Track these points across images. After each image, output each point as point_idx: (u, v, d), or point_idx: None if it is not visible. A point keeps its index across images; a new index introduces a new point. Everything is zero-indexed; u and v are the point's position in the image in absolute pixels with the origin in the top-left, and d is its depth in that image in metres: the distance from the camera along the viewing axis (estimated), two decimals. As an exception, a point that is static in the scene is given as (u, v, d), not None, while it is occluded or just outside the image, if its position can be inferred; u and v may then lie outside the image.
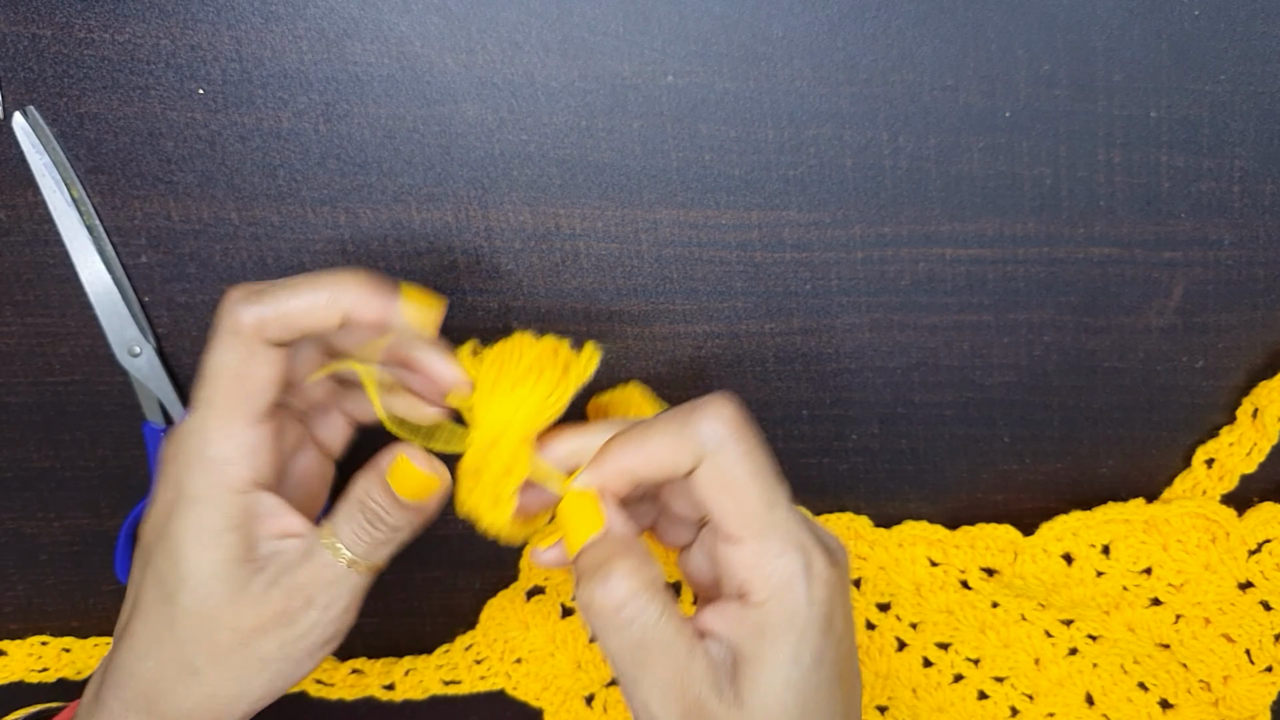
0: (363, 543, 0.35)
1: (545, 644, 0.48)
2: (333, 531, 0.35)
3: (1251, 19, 0.42)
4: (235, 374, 0.34)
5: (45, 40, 0.41)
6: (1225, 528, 0.46)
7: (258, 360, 0.34)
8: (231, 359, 0.34)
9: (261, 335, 0.34)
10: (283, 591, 0.35)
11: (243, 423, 0.34)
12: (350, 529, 0.35)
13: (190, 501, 0.34)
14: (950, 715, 0.48)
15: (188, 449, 0.35)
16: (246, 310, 0.34)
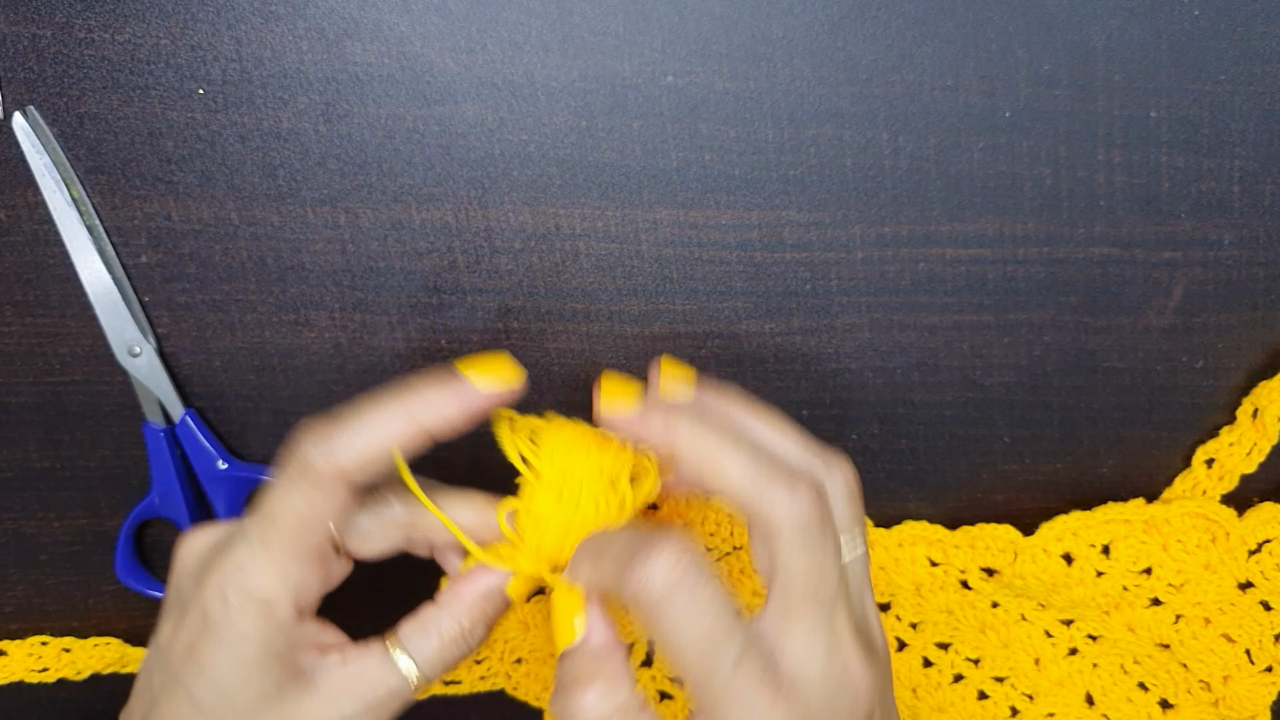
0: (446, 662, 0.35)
1: (545, 644, 0.48)
2: (400, 646, 0.35)
3: (1251, 19, 0.42)
4: (301, 519, 0.33)
5: (45, 40, 0.41)
6: (1225, 528, 0.46)
7: (327, 505, 0.33)
8: (300, 504, 0.33)
9: (340, 480, 0.33)
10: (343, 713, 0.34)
11: (297, 563, 0.33)
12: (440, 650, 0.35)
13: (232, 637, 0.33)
14: (950, 715, 0.48)
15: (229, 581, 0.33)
16: (320, 455, 0.33)
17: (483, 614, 0.35)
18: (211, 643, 0.33)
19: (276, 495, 0.33)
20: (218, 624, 0.33)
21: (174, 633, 0.35)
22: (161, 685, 0.35)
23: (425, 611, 0.35)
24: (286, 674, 0.34)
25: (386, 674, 0.34)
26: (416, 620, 0.35)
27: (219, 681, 0.33)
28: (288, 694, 0.34)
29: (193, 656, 0.34)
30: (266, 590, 0.33)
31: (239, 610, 0.33)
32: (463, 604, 0.35)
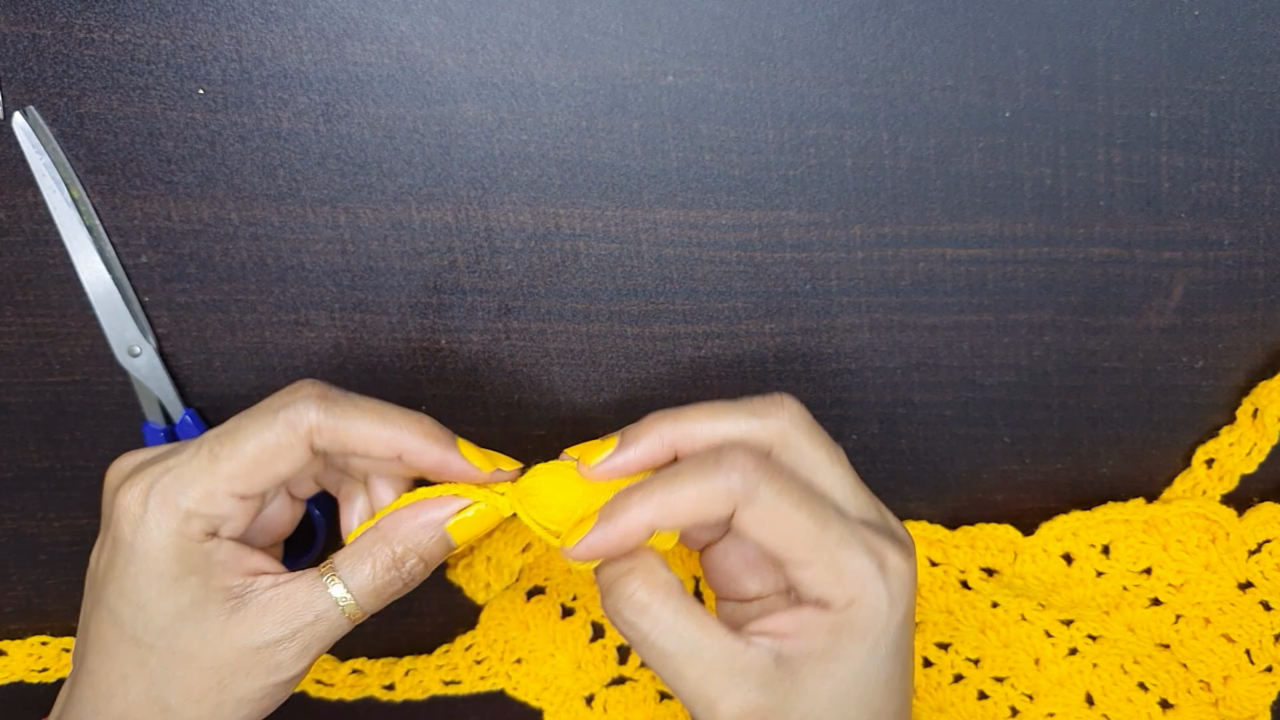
0: (379, 593, 0.35)
1: (545, 644, 0.48)
2: (334, 573, 0.35)
3: (1251, 19, 0.42)
4: (261, 457, 0.34)
5: (45, 40, 0.41)
6: (1225, 528, 0.46)
7: (290, 456, 0.34)
8: (269, 443, 0.34)
9: (311, 439, 0.34)
10: (270, 636, 0.34)
11: (231, 494, 0.34)
12: (372, 578, 0.35)
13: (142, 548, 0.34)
14: (950, 715, 0.48)
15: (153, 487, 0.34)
16: (313, 412, 0.34)
17: (419, 545, 0.35)
18: (124, 555, 0.34)
19: (250, 423, 0.34)
20: (130, 536, 0.34)
21: (98, 553, 0.35)
22: (89, 608, 0.35)
23: (361, 539, 0.35)
24: (207, 592, 0.34)
25: (315, 598, 0.34)
26: (352, 547, 0.35)
27: (135, 595, 0.34)
28: (209, 612, 0.34)
29: (111, 572, 0.34)
30: (187, 503, 0.33)
31: (153, 519, 0.33)
32: (399, 532, 0.35)
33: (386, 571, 0.35)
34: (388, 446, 0.34)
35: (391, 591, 0.36)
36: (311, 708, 0.50)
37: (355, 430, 0.34)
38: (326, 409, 0.34)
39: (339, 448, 0.34)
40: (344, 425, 0.34)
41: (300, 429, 0.34)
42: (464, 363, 0.45)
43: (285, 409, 0.34)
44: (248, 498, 0.34)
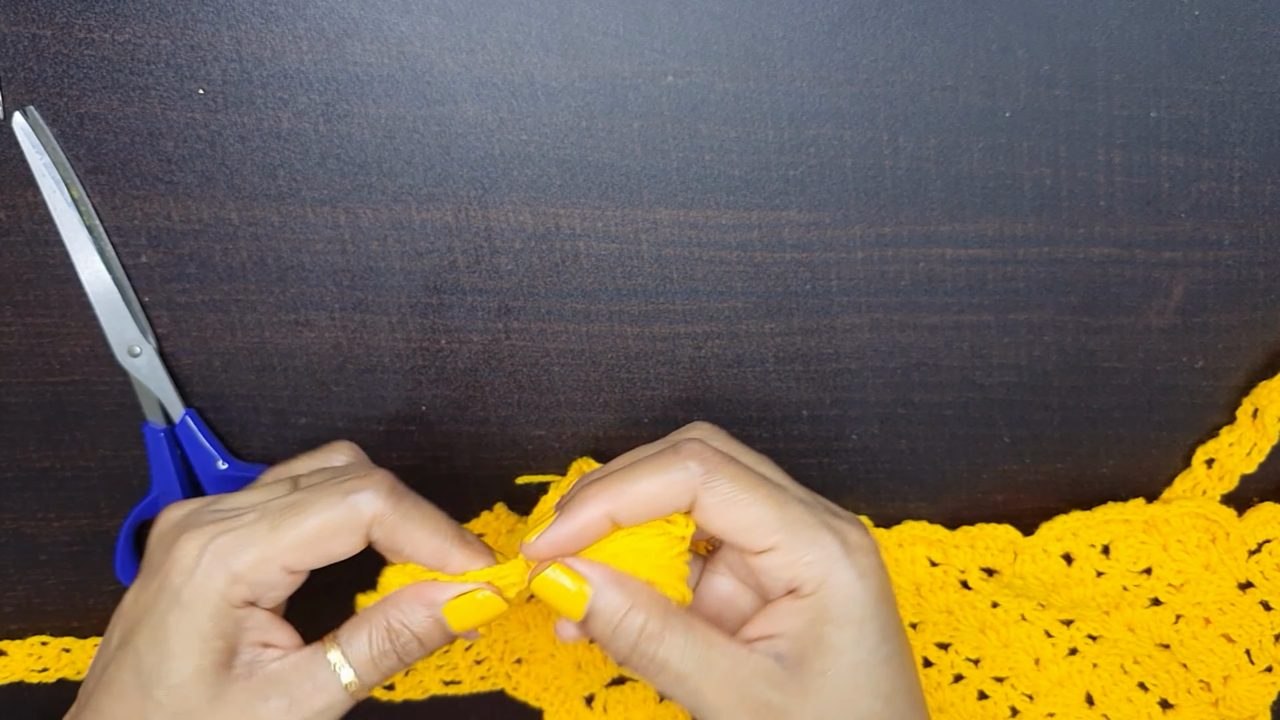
0: (377, 666, 0.36)
1: (545, 644, 0.48)
2: (335, 643, 0.35)
3: (1251, 19, 0.42)
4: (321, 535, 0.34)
5: (46, 40, 0.41)
6: (1225, 528, 0.46)
7: (347, 540, 0.35)
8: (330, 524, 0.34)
9: (371, 529, 0.35)
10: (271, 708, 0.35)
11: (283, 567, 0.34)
12: (366, 648, 0.35)
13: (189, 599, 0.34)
14: (950, 715, 0.48)
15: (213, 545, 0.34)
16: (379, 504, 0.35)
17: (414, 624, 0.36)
18: (167, 602, 0.34)
19: (316, 501, 0.35)
20: (178, 584, 0.34)
21: (136, 595, 0.35)
22: (113, 647, 0.35)
23: (366, 610, 0.36)
24: (227, 658, 0.34)
25: (317, 669, 0.35)
26: (355, 618, 0.36)
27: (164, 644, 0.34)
28: (223, 678, 0.34)
29: (149, 616, 0.35)
30: (239, 566, 0.34)
31: (203, 574, 0.34)
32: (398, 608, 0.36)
33: (382, 643, 0.35)
34: (435, 557, 0.35)
35: (388, 665, 0.36)
36: None
37: (412, 534, 0.35)
38: (394, 505, 0.35)
39: (390, 545, 0.35)
40: (403, 526, 0.35)
41: (364, 517, 0.34)
42: (464, 363, 0.45)
43: (354, 494, 0.35)
44: (296, 572, 0.35)
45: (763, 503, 0.34)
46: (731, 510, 0.34)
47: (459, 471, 0.47)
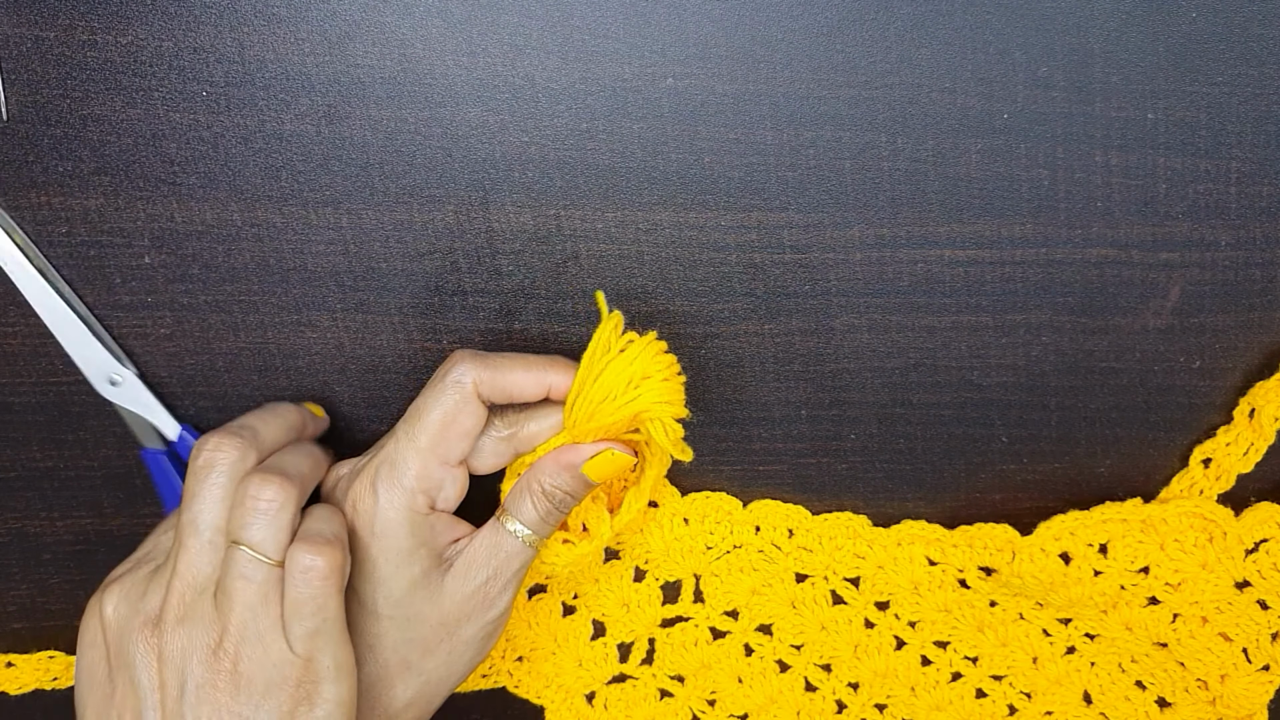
0: (545, 522, 0.41)
1: (547, 642, 0.48)
2: (510, 515, 0.41)
3: (1248, 22, 0.42)
4: (446, 420, 0.39)
5: (49, 42, 0.41)
6: (1222, 527, 0.46)
7: (468, 412, 0.39)
8: (449, 406, 0.39)
9: (478, 393, 0.39)
10: (479, 581, 0.40)
11: (438, 462, 0.39)
12: (535, 510, 0.41)
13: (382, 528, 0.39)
14: (948, 714, 0.49)
15: (378, 475, 0.39)
16: (472, 371, 0.39)
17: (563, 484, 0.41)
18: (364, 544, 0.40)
19: (425, 399, 0.40)
20: (367, 525, 0.39)
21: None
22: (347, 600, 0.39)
23: (519, 482, 0.41)
24: (432, 561, 0.40)
25: (502, 539, 0.41)
26: (513, 490, 0.41)
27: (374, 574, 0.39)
28: (433, 578, 0.40)
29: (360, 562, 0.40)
30: (409, 481, 0.39)
31: (386, 501, 0.39)
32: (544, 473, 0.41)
33: (544, 504, 0.41)
34: (537, 384, 0.40)
35: (554, 519, 0.42)
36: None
37: (510, 377, 0.40)
38: (482, 364, 0.39)
39: (500, 394, 0.40)
40: (499, 375, 0.39)
41: (467, 386, 0.39)
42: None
43: (448, 375, 0.39)
44: (450, 463, 0.40)
45: None
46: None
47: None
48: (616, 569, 0.48)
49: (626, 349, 0.40)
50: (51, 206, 0.43)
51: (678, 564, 0.47)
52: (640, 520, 0.47)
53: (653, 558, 0.47)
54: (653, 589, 0.48)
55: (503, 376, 0.40)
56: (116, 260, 0.43)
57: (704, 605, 0.48)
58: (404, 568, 0.39)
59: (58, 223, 0.43)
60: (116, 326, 0.44)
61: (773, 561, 0.47)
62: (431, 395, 0.39)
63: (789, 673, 0.49)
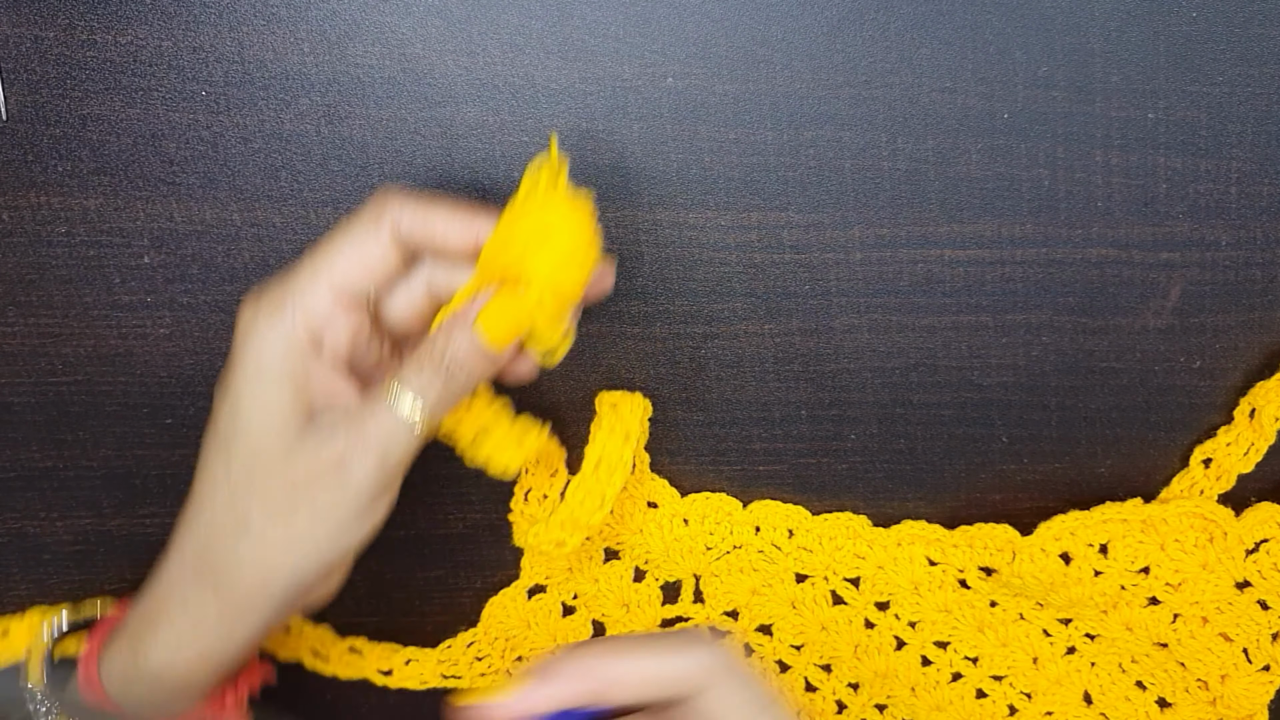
0: (433, 394, 0.36)
1: (547, 642, 0.48)
2: (399, 384, 0.36)
3: (1249, 21, 0.42)
4: (349, 244, 0.36)
5: (48, 42, 0.41)
6: (1223, 527, 0.46)
7: (375, 241, 0.36)
8: (356, 231, 0.36)
9: (396, 227, 0.36)
10: (338, 442, 0.35)
11: (328, 288, 0.36)
12: (422, 380, 0.36)
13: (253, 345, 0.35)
14: (948, 714, 0.49)
15: (264, 296, 0.36)
16: (395, 201, 0.36)
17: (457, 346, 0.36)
18: (232, 363, 0.36)
19: (340, 230, 0.36)
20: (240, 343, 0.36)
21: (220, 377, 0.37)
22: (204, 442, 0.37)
23: (417, 351, 0.36)
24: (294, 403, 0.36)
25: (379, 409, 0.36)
26: (409, 359, 0.36)
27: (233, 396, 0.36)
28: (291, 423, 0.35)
29: (220, 388, 0.36)
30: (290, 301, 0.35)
31: (263, 321, 0.35)
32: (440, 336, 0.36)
33: (435, 375, 0.36)
34: (464, 229, 0.36)
35: (446, 396, 0.36)
36: (315, 704, 0.50)
37: (435, 215, 0.36)
38: (407, 197, 0.36)
39: (424, 235, 0.36)
40: (424, 212, 0.36)
41: (384, 215, 0.36)
42: (465, 363, 0.45)
43: (368, 204, 0.36)
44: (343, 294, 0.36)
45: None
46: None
47: (459, 471, 0.47)
48: (616, 569, 0.48)
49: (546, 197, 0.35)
50: (51, 206, 0.43)
51: (678, 564, 0.47)
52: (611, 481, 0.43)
53: (653, 558, 0.47)
54: (653, 589, 0.48)
55: (427, 214, 0.36)
56: (116, 260, 0.43)
57: (704, 606, 0.48)
58: (259, 394, 0.36)
59: (57, 223, 0.43)
60: (116, 326, 0.44)
61: (773, 562, 0.47)
62: (345, 222, 0.36)
63: (789, 673, 0.49)
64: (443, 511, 0.48)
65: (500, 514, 0.48)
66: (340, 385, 0.37)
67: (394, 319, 0.39)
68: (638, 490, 0.47)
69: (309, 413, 0.36)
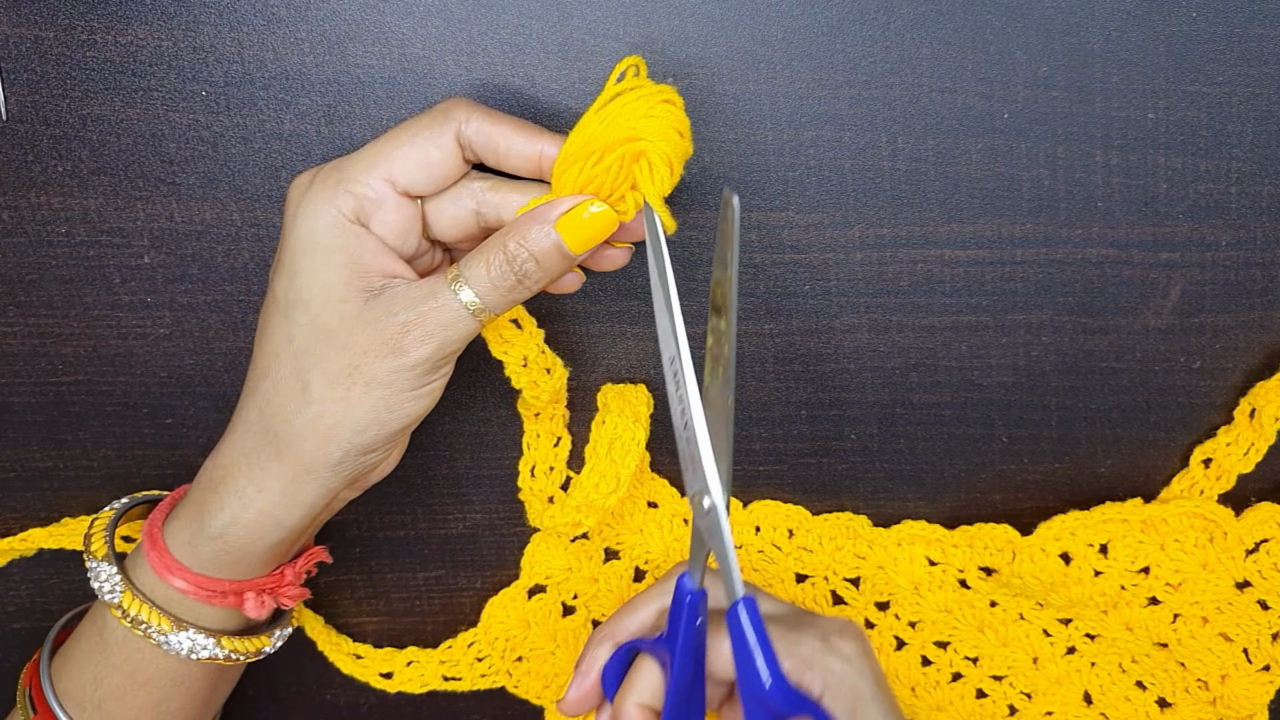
0: (496, 288, 0.37)
1: (546, 642, 0.48)
2: (460, 275, 0.37)
3: (1249, 22, 0.42)
4: (412, 137, 0.36)
5: (48, 42, 0.41)
6: (1223, 527, 0.46)
7: (438, 144, 0.36)
8: (420, 127, 0.36)
9: (460, 131, 0.36)
10: (399, 320, 0.36)
11: (383, 176, 0.36)
12: (487, 272, 0.36)
13: (305, 219, 0.36)
14: (949, 714, 0.49)
15: (322, 172, 0.37)
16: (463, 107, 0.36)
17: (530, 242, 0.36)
18: (284, 234, 0.37)
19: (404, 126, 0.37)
20: (291, 215, 0.37)
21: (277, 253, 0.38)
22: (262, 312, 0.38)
23: (484, 243, 0.37)
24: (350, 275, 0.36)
25: (439, 290, 0.36)
26: (475, 250, 0.37)
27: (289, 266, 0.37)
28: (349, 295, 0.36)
29: (276, 261, 0.37)
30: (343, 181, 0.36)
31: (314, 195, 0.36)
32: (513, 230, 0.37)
33: (501, 267, 0.36)
34: (529, 145, 0.36)
35: (507, 286, 0.37)
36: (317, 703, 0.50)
37: (501, 128, 0.36)
38: (476, 106, 0.37)
39: (488, 147, 0.37)
40: (491, 123, 0.36)
41: (451, 119, 0.36)
42: (465, 363, 0.45)
43: (437, 104, 0.37)
44: (397, 183, 0.37)
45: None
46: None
47: (459, 471, 0.47)
48: (616, 569, 0.48)
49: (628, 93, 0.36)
50: (51, 206, 0.43)
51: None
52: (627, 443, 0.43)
53: (653, 558, 0.47)
54: (653, 589, 0.48)
55: (494, 125, 0.36)
56: (116, 260, 0.43)
57: (704, 605, 0.48)
58: (316, 266, 0.36)
59: (57, 223, 0.43)
60: (117, 326, 0.44)
61: (773, 562, 0.47)
62: (411, 117, 0.37)
63: (789, 673, 0.49)
64: (443, 511, 0.48)
65: (500, 514, 0.48)
66: (395, 265, 0.37)
67: (438, 228, 0.39)
68: (638, 490, 0.47)
69: (366, 287, 0.37)
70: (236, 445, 0.38)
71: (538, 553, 0.48)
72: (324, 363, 0.36)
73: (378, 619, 0.49)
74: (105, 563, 0.40)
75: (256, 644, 0.41)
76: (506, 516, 0.48)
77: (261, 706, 0.50)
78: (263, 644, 0.41)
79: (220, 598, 0.39)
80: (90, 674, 0.40)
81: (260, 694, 0.48)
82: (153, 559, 0.39)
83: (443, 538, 0.48)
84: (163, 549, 0.39)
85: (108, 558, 0.40)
